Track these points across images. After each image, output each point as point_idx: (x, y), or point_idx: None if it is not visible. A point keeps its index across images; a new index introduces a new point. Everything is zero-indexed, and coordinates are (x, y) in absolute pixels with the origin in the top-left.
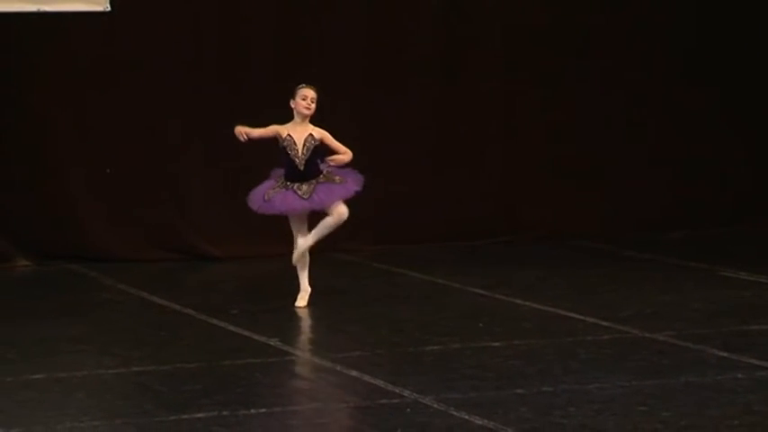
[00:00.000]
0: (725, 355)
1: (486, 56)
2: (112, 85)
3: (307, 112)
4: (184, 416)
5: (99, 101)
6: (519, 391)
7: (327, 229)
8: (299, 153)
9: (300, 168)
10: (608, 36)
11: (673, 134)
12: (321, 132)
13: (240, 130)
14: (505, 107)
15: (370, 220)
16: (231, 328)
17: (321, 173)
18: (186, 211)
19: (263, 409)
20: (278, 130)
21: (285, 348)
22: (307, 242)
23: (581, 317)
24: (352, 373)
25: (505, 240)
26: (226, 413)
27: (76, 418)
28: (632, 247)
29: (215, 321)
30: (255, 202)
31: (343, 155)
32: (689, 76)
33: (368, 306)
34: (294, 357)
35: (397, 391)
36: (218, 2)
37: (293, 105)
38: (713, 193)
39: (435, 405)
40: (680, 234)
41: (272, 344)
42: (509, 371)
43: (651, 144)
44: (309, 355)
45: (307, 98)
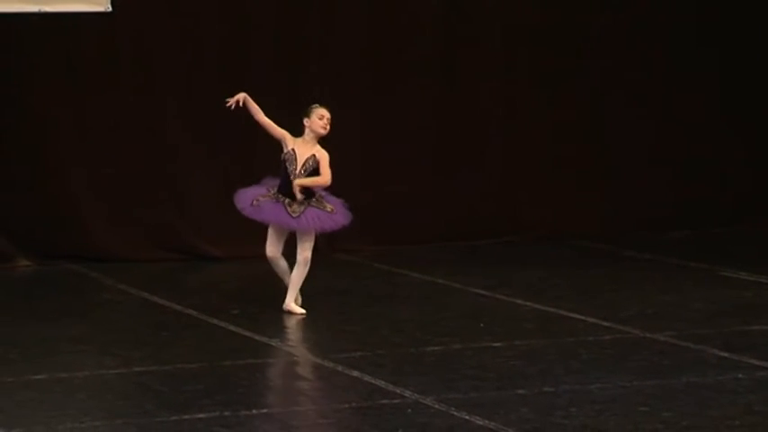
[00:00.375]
0: (725, 355)
1: (486, 56)
2: (113, 85)
3: (323, 132)
4: (185, 416)
5: (100, 101)
6: (520, 391)
7: (300, 278)
8: (296, 170)
9: None
10: (608, 36)
11: (673, 134)
12: (322, 155)
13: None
14: (505, 107)
15: (371, 220)
16: (232, 328)
17: (314, 195)
18: (187, 211)
19: (264, 410)
20: (285, 138)
21: (286, 349)
22: (289, 303)
23: (582, 317)
24: (353, 373)
25: (506, 241)
26: (227, 413)
27: (77, 419)
28: (633, 248)
29: (216, 321)
30: (242, 202)
31: (318, 178)
32: (689, 76)
33: (369, 306)
34: (295, 358)
35: (398, 391)
36: (218, 2)
37: (307, 124)
38: (713, 193)
39: (436, 405)
40: (680, 234)
41: (272, 344)
42: (510, 371)
43: (651, 144)
44: (310, 356)
45: (324, 118)
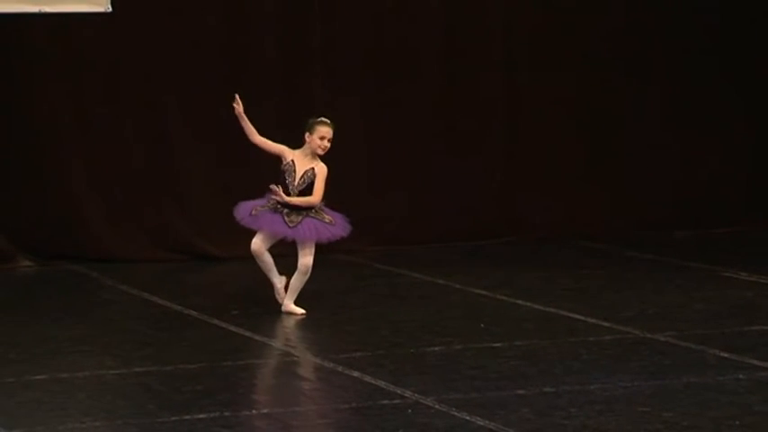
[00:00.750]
0: (726, 355)
1: (487, 56)
2: (114, 85)
3: (320, 153)
4: (186, 416)
5: (101, 101)
6: (520, 391)
7: (300, 284)
8: (294, 181)
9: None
10: (608, 36)
11: (674, 134)
12: (320, 169)
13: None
14: (506, 107)
15: (372, 220)
16: (232, 328)
17: (313, 206)
18: (187, 211)
19: (264, 410)
20: (284, 152)
21: (286, 349)
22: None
23: (582, 317)
24: (354, 373)
25: (507, 241)
26: (227, 413)
27: (78, 419)
28: (634, 248)
29: (216, 322)
30: (241, 212)
31: (309, 198)
32: (690, 75)
33: (369, 307)
34: (295, 358)
35: (399, 391)
36: (220, 2)
37: (308, 140)
38: (715, 193)
39: (437, 406)
40: (681, 234)
41: (273, 344)
42: (510, 371)
43: (652, 144)
44: (311, 356)
45: (324, 138)
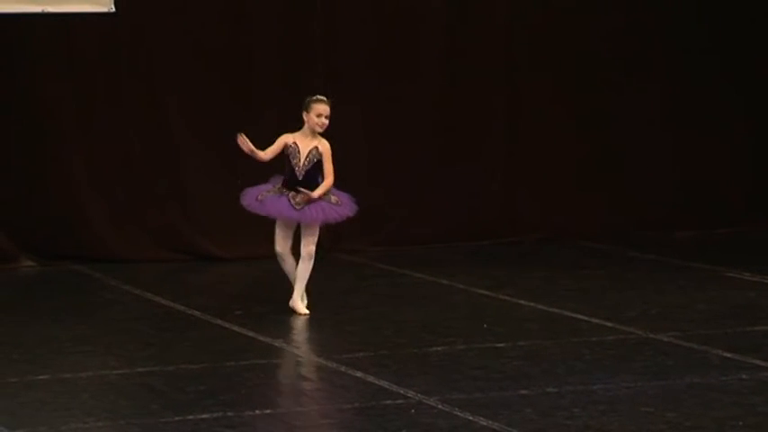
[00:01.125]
0: (729, 355)
1: (487, 56)
2: (117, 85)
3: (319, 130)
4: (189, 417)
5: (103, 101)
6: (523, 391)
7: (307, 272)
8: (300, 162)
9: (299, 177)
10: (608, 36)
11: (675, 134)
12: (325, 147)
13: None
14: (507, 108)
15: (374, 220)
16: (236, 328)
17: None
18: (191, 211)
19: (267, 410)
20: (285, 140)
21: (289, 349)
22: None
23: (585, 318)
24: (357, 373)
25: (510, 241)
26: (230, 414)
27: (81, 419)
28: (636, 248)
29: (219, 322)
30: (247, 198)
31: (325, 183)
32: (690, 75)
33: (372, 307)
34: (298, 358)
35: (402, 391)
36: (222, 2)
37: (306, 118)
38: (717, 193)
39: (440, 406)
40: (684, 235)
41: (276, 345)
42: (513, 372)
43: (654, 144)
44: (314, 356)
45: (321, 115)
